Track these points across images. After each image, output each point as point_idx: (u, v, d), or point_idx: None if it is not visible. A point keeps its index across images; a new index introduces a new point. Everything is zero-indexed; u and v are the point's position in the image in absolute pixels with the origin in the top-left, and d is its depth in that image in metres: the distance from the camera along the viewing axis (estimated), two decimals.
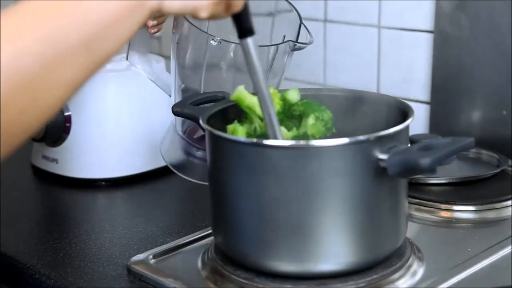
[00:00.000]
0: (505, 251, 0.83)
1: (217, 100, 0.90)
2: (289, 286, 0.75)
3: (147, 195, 1.10)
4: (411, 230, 0.86)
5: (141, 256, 0.85)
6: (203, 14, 0.64)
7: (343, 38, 1.29)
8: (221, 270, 0.79)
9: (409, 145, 0.77)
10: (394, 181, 0.76)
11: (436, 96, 1.17)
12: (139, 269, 0.82)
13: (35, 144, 1.17)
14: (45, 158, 1.15)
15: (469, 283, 0.77)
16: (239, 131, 0.80)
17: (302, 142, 0.74)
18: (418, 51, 1.20)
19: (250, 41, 0.70)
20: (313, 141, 0.75)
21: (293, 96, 0.83)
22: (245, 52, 0.71)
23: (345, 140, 0.71)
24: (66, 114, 1.11)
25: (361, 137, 0.71)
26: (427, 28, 1.18)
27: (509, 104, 1.09)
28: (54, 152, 1.13)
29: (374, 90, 1.26)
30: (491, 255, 0.82)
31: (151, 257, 0.84)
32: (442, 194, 0.98)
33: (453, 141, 0.73)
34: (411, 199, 0.94)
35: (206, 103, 0.91)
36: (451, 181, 1.00)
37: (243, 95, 0.80)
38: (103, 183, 1.12)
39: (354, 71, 1.29)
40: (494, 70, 1.09)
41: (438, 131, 1.13)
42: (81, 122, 1.11)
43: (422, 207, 0.95)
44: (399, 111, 0.80)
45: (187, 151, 0.99)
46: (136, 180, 1.12)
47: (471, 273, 0.79)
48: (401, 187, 0.78)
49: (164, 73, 1.13)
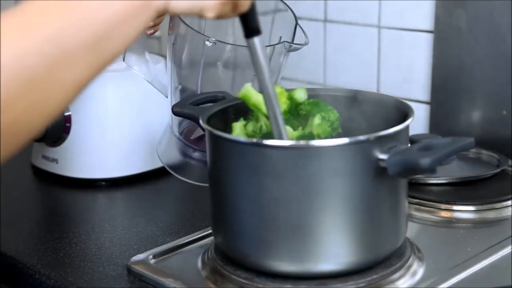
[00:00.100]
0: (505, 251, 0.83)
1: (217, 100, 0.90)
2: (289, 286, 0.75)
3: (147, 195, 1.10)
4: (411, 230, 0.86)
5: (141, 256, 0.85)
6: (210, 14, 0.64)
7: (343, 38, 1.29)
8: (221, 270, 0.79)
9: (409, 145, 0.77)
10: (394, 181, 0.76)
11: (436, 96, 1.17)
12: (139, 269, 0.82)
13: (35, 144, 1.17)
14: (45, 158, 1.15)
15: (469, 283, 0.77)
16: (243, 128, 0.80)
17: (302, 142, 0.74)
18: (418, 51, 1.20)
19: (256, 40, 0.70)
20: (313, 141, 0.75)
21: (300, 95, 0.82)
22: (251, 52, 0.71)
23: (345, 140, 0.71)
24: (66, 114, 1.11)
25: (361, 137, 0.71)
26: (427, 28, 1.18)
27: (509, 104, 1.09)
28: (54, 152, 1.13)
29: (374, 90, 1.26)
30: (491, 255, 0.82)
31: (151, 257, 0.84)
32: (442, 194, 0.98)
33: (453, 141, 0.73)
34: (411, 199, 0.94)
35: (206, 103, 0.91)
36: (451, 181, 1.00)
37: (250, 93, 0.80)
38: (103, 183, 1.12)
39: (354, 71, 1.29)
40: (494, 70, 1.09)
41: (438, 131, 1.13)
42: (81, 122, 1.11)
43: (422, 207, 0.95)
44: (399, 111, 0.80)
45: (184, 152, 0.99)
46: (136, 180, 1.12)
47: (471, 273, 0.79)
48: (401, 187, 0.78)
49: (162, 74, 1.13)
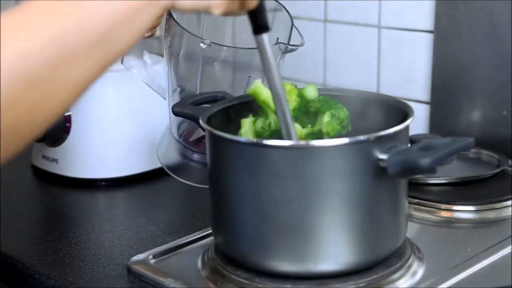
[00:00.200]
0: (505, 251, 0.83)
1: (217, 100, 0.90)
2: (289, 286, 0.75)
3: (147, 195, 1.10)
4: (411, 230, 0.86)
5: (141, 256, 0.85)
6: (217, 11, 0.63)
7: (343, 38, 1.29)
8: (221, 270, 0.79)
9: (409, 145, 0.77)
10: (394, 181, 0.76)
11: (436, 96, 1.17)
12: (139, 269, 0.82)
13: (35, 144, 1.17)
14: (45, 158, 1.15)
15: (469, 283, 0.77)
16: (252, 125, 0.80)
17: (302, 142, 0.74)
18: (418, 51, 1.20)
19: (265, 37, 0.69)
20: (313, 141, 0.75)
21: (311, 92, 0.82)
22: (260, 48, 0.70)
23: (345, 140, 0.71)
24: (66, 114, 1.11)
25: (361, 137, 0.71)
26: (427, 28, 1.18)
27: (509, 104, 1.09)
28: (54, 152, 1.13)
29: (374, 90, 1.26)
30: (491, 255, 0.82)
31: (151, 257, 0.84)
32: (442, 194, 0.98)
33: (453, 141, 0.73)
34: (411, 199, 0.94)
35: (206, 103, 0.91)
36: (451, 181, 1.00)
37: (260, 89, 0.80)
38: (103, 183, 1.12)
39: (354, 71, 1.29)
40: (494, 70, 1.09)
41: (438, 131, 1.13)
42: (81, 122, 1.11)
43: (422, 207, 0.95)
44: (399, 111, 0.80)
45: (183, 154, 0.99)
46: (136, 180, 1.12)
47: (471, 273, 0.79)
48: (401, 187, 0.78)
49: (161, 76, 1.13)
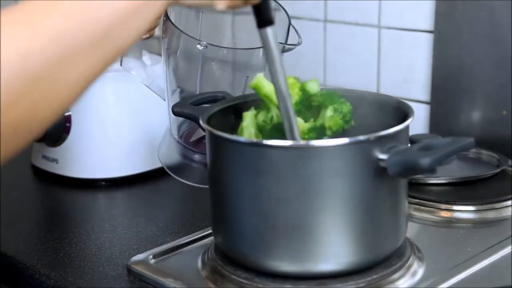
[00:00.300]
0: (505, 251, 0.83)
1: (217, 100, 0.90)
2: (289, 286, 0.75)
3: (147, 195, 1.10)
4: (411, 230, 0.86)
5: (141, 256, 0.85)
6: (221, 6, 0.63)
7: (343, 38, 1.29)
8: (221, 270, 0.79)
9: (409, 145, 0.77)
10: (394, 181, 0.76)
11: (436, 96, 1.17)
12: (139, 269, 0.82)
13: (35, 144, 1.17)
14: (45, 158, 1.15)
15: (469, 283, 0.77)
16: (254, 118, 0.80)
17: (302, 142, 0.74)
18: (418, 51, 1.20)
19: (269, 31, 0.69)
20: (313, 141, 0.75)
21: (313, 87, 0.82)
22: (263, 42, 0.70)
23: (345, 140, 0.71)
24: (66, 114, 1.11)
25: (361, 137, 0.71)
26: (427, 28, 1.18)
27: (509, 104, 1.09)
28: (54, 152, 1.13)
29: (374, 90, 1.26)
30: (491, 255, 0.82)
31: (151, 257, 0.84)
32: (442, 194, 0.98)
33: (453, 141, 0.73)
34: (411, 199, 0.94)
35: (206, 103, 0.91)
36: (451, 181, 1.00)
37: (262, 83, 0.79)
38: (103, 183, 1.12)
39: (354, 71, 1.29)
40: (494, 70, 1.09)
41: (438, 131, 1.13)
42: (81, 122, 1.11)
43: (422, 207, 0.95)
44: (399, 111, 0.80)
45: (184, 155, 0.99)
46: (136, 180, 1.12)
47: (471, 273, 0.79)
48: (401, 187, 0.78)
49: (161, 77, 1.13)
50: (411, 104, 0.82)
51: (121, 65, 1.09)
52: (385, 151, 0.72)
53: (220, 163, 0.77)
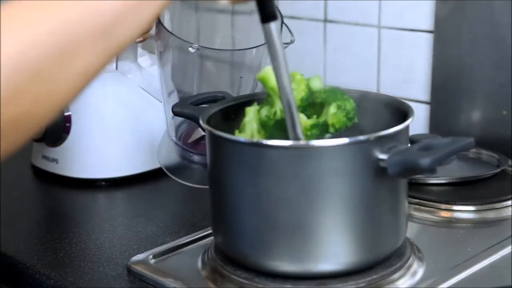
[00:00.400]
0: (505, 251, 0.83)
1: (217, 100, 0.90)
2: (289, 286, 0.75)
3: (147, 195, 1.10)
4: (411, 230, 0.86)
5: (141, 256, 0.85)
6: (224, 0, 0.64)
7: (343, 38, 1.29)
8: (221, 270, 0.79)
9: (409, 145, 0.77)
10: (394, 181, 0.76)
11: (436, 96, 1.17)
12: (139, 269, 0.82)
13: (35, 144, 1.17)
14: (45, 158, 1.15)
15: (469, 283, 0.77)
16: (257, 113, 0.79)
17: (302, 142, 0.74)
18: (418, 51, 1.20)
19: (272, 25, 0.68)
20: (313, 141, 0.75)
21: (316, 84, 0.81)
22: (267, 37, 0.69)
23: (345, 140, 0.71)
24: (66, 114, 1.11)
25: (361, 137, 0.71)
26: (427, 28, 1.18)
27: (509, 104, 1.09)
28: (54, 152, 1.13)
29: (374, 90, 1.26)
30: (491, 255, 0.82)
31: (151, 257, 0.84)
32: (442, 194, 0.98)
33: (453, 141, 0.73)
34: (411, 199, 0.94)
35: (206, 103, 0.91)
36: (451, 181, 1.00)
37: (269, 75, 0.78)
38: (103, 183, 1.12)
39: (354, 71, 1.29)
40: (494, 70, 1.09)
41: (438, 131, 1.13)
42: (81, 122, 1.11)
43: (422, 207, 0.95)
44: (399, 111, 0.80)
45: (183, 156, 0.99)
46: (136, 180, 1.12)
47: (471, 273, 0.79)
48: (401, 187, 0.78)
49: (157, 79, 1.13)
50: (411, 104, 0.82)
51: (116, 68, 1.09)
52: (385, 151, 0.72)
53: (220, 163, 0.77)
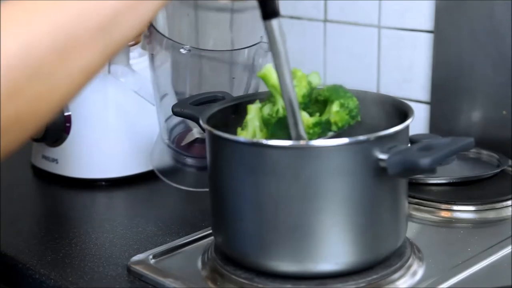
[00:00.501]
0: (505, 251, 0.83)
1: (217, 100, 0.90)
2: (289, 286, 0.75)
3: (147, 195, 1.10)
4: (411, 230, 0.86)
5: (141, 256, 0.85)
6: None
7: (343, 38, 1.29)
8: (221, 270, 0.79)
9: (409, 145, 0.77)
10: (394, 181, 0.76)
11: (436, 96, 1.17)
12: (139, 269, 0.82)
13: (35, 144, 1.17)
14: (45, 158, 1.15)
15: (469, 283, 0.77)
16: (259, 111, 0.79)
17: (302, 142, 0.74)
18: (418, 51, 1.20)
19: (274, 22, 0.68)
20: (313, 141, 0.75)
21: (315, 80, 0.80)
22: (268, 34, 0.69)
23: (345, 140, 0.71)
24: (66, 114, 1.11)
25: (361, 137, 0.71)
26: (427, 28, 1.18)
27: (509, 104, 1.09)
28: (54, 152, 1.13)
29: (374, 90, 1.26)
30: (491, 255, 0.82)
31: (151, 257, 0.84)
32: (442, 194, 0.98)
33: (453, 141, 0.73)
34: (411, 199, 0.94)
35: (206, 103, 0.91)
36: (451, 181, 1.00)
37: (270, 73, 0.77)
38: (103, 183, 1.12)
39: (354, 71, 1.29)
40: (494, 70, 1.09)
41: (438, 131, 1.13)
42: (81, 122, 1.11)
43: (422, 207, 0.95)
44: (399, 111, 0.80)
45: (176, 159, 0.99)
46: (136, 180, 1.12)
47: (471, 273, 0.79)
48: (401, 187, 0.78)
49: (149, 81, 1.12)
50: (411, 104, 0.82)
51: (109, 72, 1.09)
52: (385, 151, 0.72)
53: (220, 163, 0.77)
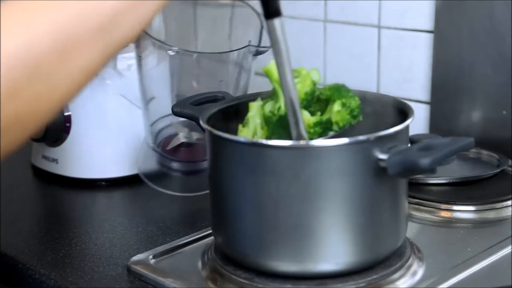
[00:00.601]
0: (505, 251, 0.83)
1: (217, 100, 0.90)
2: (289, 286, 0.75)
3: (147, 195, 1.10)
4: (411, 230, 0.86)
5: (141, 256, 0.85)
6: None
7: (343, 38, 1.29)
8: (221, 270, 0.79)
9: (409, 145, 0.77)
10: (394, 181, 0.76)
11: (436, 96, 1.17)
12: (139, 269, 0.82)
13: (35, 144, 1.17)
14: (45, 158, 1.15)
15: (469, 283, 0.77)
16: (260, 109, 0.78)
17: (302, 142, 0.74)
18: (418, 51, 1.20)
19: (276, 22, 0.68)
20: (313, 141, 0.75)
21: (315, 77, 0.80)
22: (270, 33, 0.69)
23: (345, 140, 0.71)
24: (66, 114, 1.11)
25: (361, 137, 0.71)
26: (427, 28, 1.18)
27: (509, 104, 1.09)
28: (54, 152, 1.13)
29: (374, 90, 1.26)
30: (491, 255, 0.82)
31: (151, 257, 0.84)
32: (442, 194, 0.98)
33: (453, 141, 0.73)
34: (411, 199, 0.94)
35: (206, 103, 0.91)
36: (451, 181, 1.00)
37: (274, 68, 0.76)
38: (103, 183, 1.12)
39: (354, 71, 1.29)
40: (494, 70, 1.09)
41: (438, 131, 1.13)
42: (81, 122, 1.11)
43: (422, 207, 0.95)
44: (399, 111, 0.80)
45: (161, 164, 0.99)
46: (136, 180, 1.12)
47: (471, 273, 0.79)
48: (401, 187, 0.78)
49: (136, 84, 1.12)
50: (411, 104, 0.82)
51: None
52: (385, 151, 0.72)
53: (220, 163, 0.77)
